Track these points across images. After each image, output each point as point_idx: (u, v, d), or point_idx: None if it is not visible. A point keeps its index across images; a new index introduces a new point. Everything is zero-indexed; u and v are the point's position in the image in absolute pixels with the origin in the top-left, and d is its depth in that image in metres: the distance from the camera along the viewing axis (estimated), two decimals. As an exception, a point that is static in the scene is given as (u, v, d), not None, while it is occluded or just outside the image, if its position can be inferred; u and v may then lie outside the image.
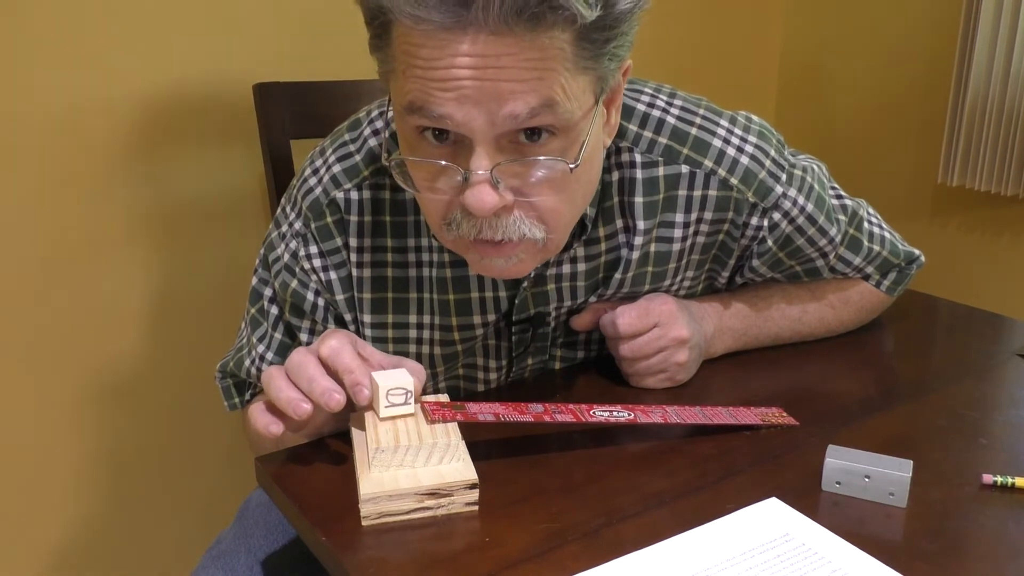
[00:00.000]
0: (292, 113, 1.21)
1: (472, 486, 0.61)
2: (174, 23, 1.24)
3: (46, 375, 1.26)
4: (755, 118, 0.83)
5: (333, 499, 0.63)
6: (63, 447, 1.30)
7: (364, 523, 0.60)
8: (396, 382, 0.64)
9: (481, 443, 0.69)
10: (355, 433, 0.67)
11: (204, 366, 1.36)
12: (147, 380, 1.35)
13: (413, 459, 0.62)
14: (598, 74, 0.63)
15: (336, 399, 0.62)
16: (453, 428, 0.64)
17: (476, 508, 0.62)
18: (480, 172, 0.61)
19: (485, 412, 0.67)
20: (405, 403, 0.64)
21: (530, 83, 0.59)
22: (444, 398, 0.69)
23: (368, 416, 0.65)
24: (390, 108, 0.69)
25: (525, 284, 0.80)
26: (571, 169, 0.64)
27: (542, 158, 0.63)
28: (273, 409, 0.66)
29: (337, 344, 0.65)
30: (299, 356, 0.65)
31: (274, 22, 1.33)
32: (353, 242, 0.80)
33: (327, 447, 0.71)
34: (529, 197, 0.64)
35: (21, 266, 1.21)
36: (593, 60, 0.61)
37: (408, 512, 0.61)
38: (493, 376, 0.88)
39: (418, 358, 0.84)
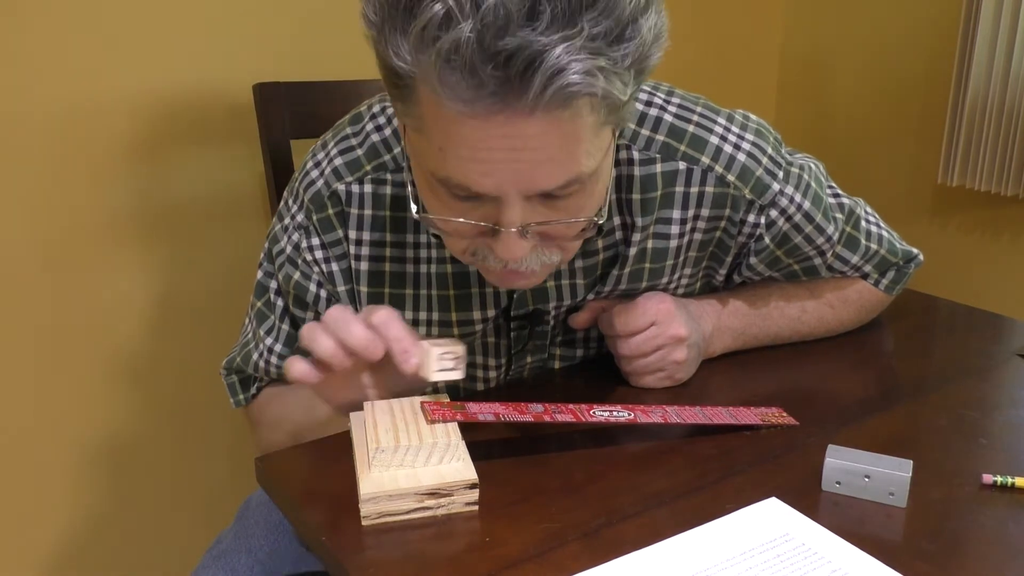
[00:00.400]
0: (292, 113, 1.21)
1: (472, 486, 0.61)
2: (175, 23, 1.24)
3: (46, 375, 1.26)
4: (753, 116, 0.83)
5: (333, 499, 0.63)
6: (63, 446, 1.30)
7: (364, 523, 0.60)
8: (447, 346, 0.66)
9: (481, 443, 0.69)
10: (355, 433, 0.67)
11: (204, 365, 1.36)
12: (147, 379, 1.35)
13: (413, 459, 0.62)
14: (619, 118, 0.63)
15: (379, 348, 0.64)
16: (453, 428, 0.64)
17: (476, 508, 0.62)
18: (512, 229, 0.62)
19: (485, 412, 0.67)
20: (455, 368, 0.66)
21: (558, 162, 0.59)
22: (444, 398, 0.69)
23: (368, 416, 0.65)
24: (396, 117, 0.69)
25: None
26: (598, 223, 0.66)
27: (570, 220, 0.64)
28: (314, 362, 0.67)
29: (387, 314, 0.66)
30: (338, 312, 0.66)
31: (274, 22, 1.33)
32: (352, 235, 0.80)
33: (327, 447, 0.71)
34: (555, 239, 0.67)
35: (20, 265, 1.21)
36: (616, 113, 0.61)
37: (408, 512, 0.61)
38: (492, 374, 0.88)
39: None
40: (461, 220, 0.63)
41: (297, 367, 0.66)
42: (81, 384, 1.29)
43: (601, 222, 0.66)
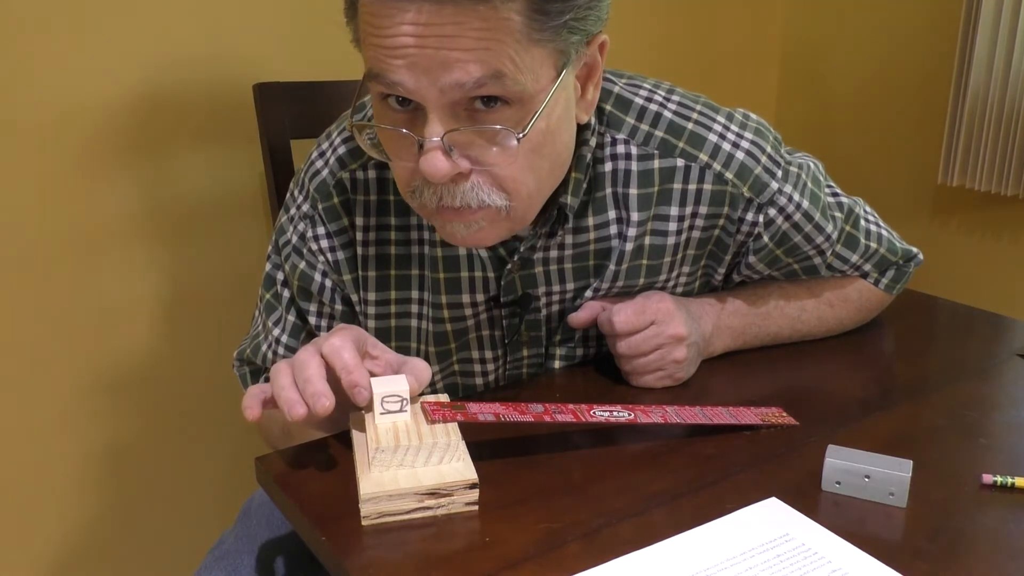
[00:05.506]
0: (292, 113, 1.21)
1: (472, 486, 0.61)
2: (174, 23, 1.24)
3: (46, 375, 1.26)
4: (752, 115, 0.84)
5: (333, 499, 0.63)
6: (64, 447, 1.30)
7: (364, 523, 0.60)
8: (391, 388, 0.63)
9: (481, 443, 0.69)
10: (355, 433, 0.67)
11: (205, 365, 1.36)
12: (148, 379, 1.34)
13: (413, 459, 0.62)
14: (556, 47, 0.64)
15: (324, 404, 0.61)
16: (453, 428, 0.64)
17: (476, 508, 0.62)
18: (433, 139, 0.63)
19: (485, 412, 0.67)
20: (400, 410, 0.64)
21: (475, 52, 0.60)
22: (444, 398, 0.69)
23: (368, 416, 0.65)
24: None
25: (511, 266, 0.81)
26: (518, 139, 0.65)
27: (491, 127, 0.64)
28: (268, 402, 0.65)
29: (339, 342, 0.64)
30: (304, 354, 0.64)
31: (274, 22, 1.33)
32: (359, 221, 0.81)
33: (327, 447, 0.71)
34: (485, 165, 0.66)
35: (20, 265, 1.21)
36: (549, 32, 0.62)
37: (408, 512, 0.61)
38: (491, 368, 0.88)
39: (419, 333, 0.85)
40: (390, 127, 0.65)
41: (244, 401, 0.64)
42: (82, 383, 1.29)
43: (520, 135, 0.65)
